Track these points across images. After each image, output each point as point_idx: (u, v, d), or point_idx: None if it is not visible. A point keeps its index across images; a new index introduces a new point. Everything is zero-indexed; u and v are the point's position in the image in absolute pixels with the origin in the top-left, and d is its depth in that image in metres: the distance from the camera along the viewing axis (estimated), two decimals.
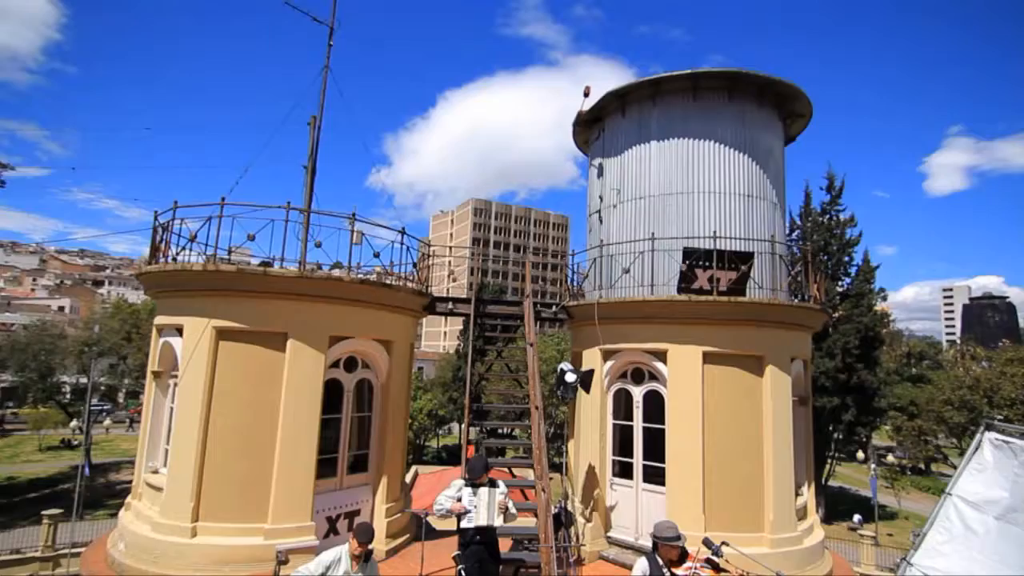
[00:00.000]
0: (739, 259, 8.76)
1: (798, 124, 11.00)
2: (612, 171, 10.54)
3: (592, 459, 9.51)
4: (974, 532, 4.34)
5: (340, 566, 5.06)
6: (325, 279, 8.20)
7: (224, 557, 7.53)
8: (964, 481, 4.54)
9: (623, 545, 9.05)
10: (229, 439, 7.91)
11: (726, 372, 8.70)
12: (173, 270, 8.14)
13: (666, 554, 4.67)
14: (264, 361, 8.10)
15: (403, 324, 9.66)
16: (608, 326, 9.25)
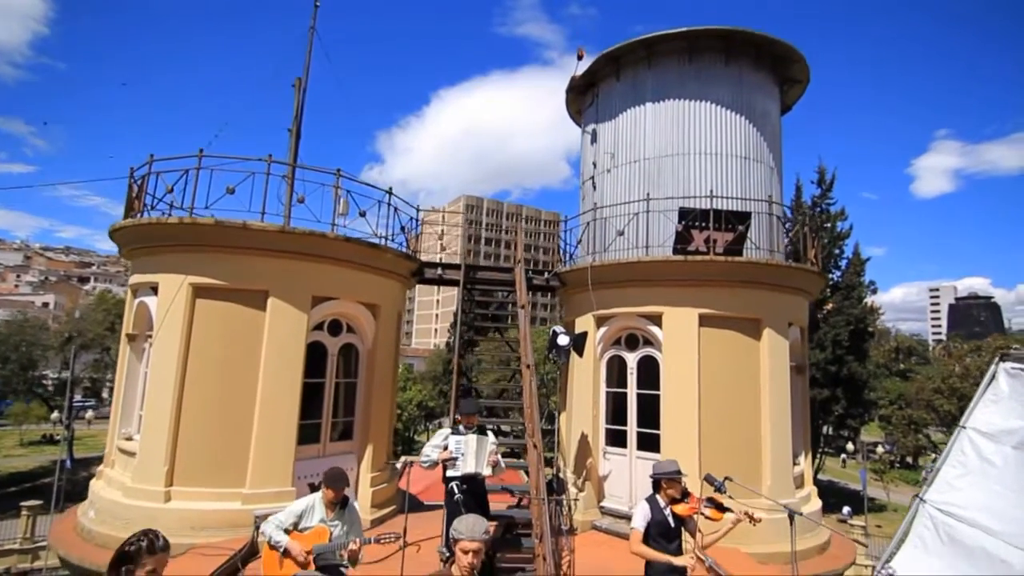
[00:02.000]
0: (736, 219, 8.53)
1: (795, 91, 10.80)
2: (606, 136, 10.28)
3: (585, 428, 9.23)
4: (991, 464, 4.10)
5: (314, 514, 4.73)
6: (308, 234, 7.85)
7: (199, 522, 7.18)
8: (979, 413, 4.30)
9: (616, 515, 8.78)
10: (205, 401, 7.56)
11: (723, 335, 8.46)
12: (148, 224, 7.78)
13: (668, 492, 4.41)
14: (243, 320, 7.75)
15: (390, 289, 9.34)
16: (601, 291, 8.97)
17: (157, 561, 2.57)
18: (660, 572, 4.23)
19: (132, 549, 2.54)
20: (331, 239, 8.01)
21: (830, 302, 33.17)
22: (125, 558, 2.52)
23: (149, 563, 2.54)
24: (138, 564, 2.51)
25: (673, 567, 4.19)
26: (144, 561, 2.52)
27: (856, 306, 33.98)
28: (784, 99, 10.79)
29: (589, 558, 7.43)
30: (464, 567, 2.95)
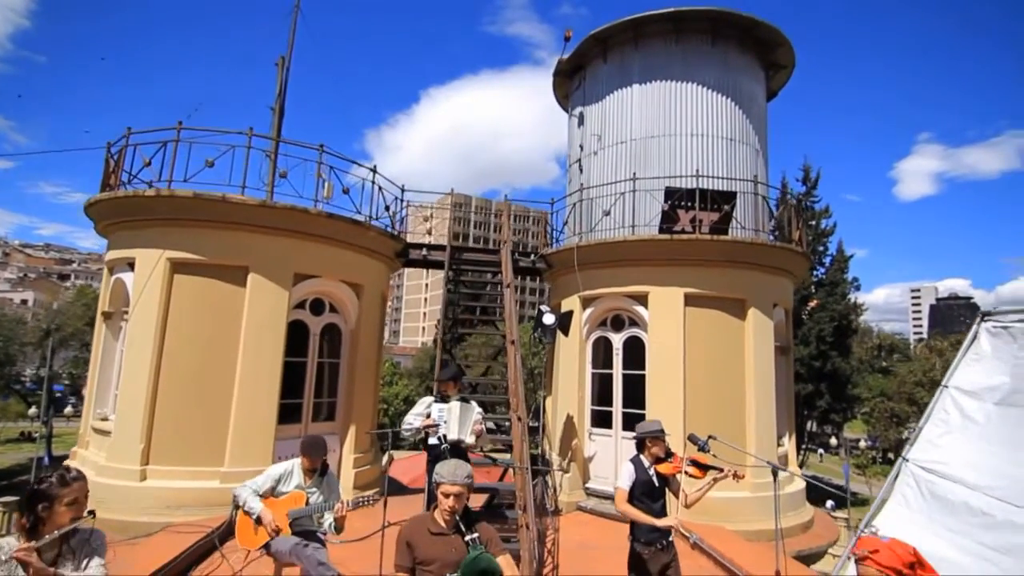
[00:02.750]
0: (722, 198, 8.53)
1: (780, 76, 10.85)
2: (593, 118, 10.25)
3: (570, 409, 9.18)
4: (973, 421, 4.10)
5: (291, 480, 4.62)
6: (289, 209, 7.72)
7: (176, 500, 7.02)
8: (961, 372, 4.30)
9: (601, 496, 8.74)
10: (183, 378, 7.39)
11: (708, 315, 8.46)
12: (124, 197, 7.59)
13: (652, 451, 4.36)
14: (223, 296, 7.60)
15: (375, 269, 9.22)
16: (587, 271, 8.93)
17: (74, 491, 2.43)
18: (644, 531, 4.17)
19: (43, 487, 2.40)
20: (313, 215, 7.88)
21: (815, 299, 33.57)
22: (39, 496, 2.36)
23: (66, 495, 2.40)
24: (54, 499, 2.37)
25: (657, 527, 4.14)
26: (59, 494, 2.38)
27: (840, 302, 34.42)
28: (770, 85, 10.83)
29: (573, 536, 7.38)
30: (446, 510, 2.87)
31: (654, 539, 4.15)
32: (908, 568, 2.21)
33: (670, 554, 4.20)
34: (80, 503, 2.46)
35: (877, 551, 2.23)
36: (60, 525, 2.35)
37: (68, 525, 2.37)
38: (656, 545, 4.15)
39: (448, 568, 2.74)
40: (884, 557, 2.21)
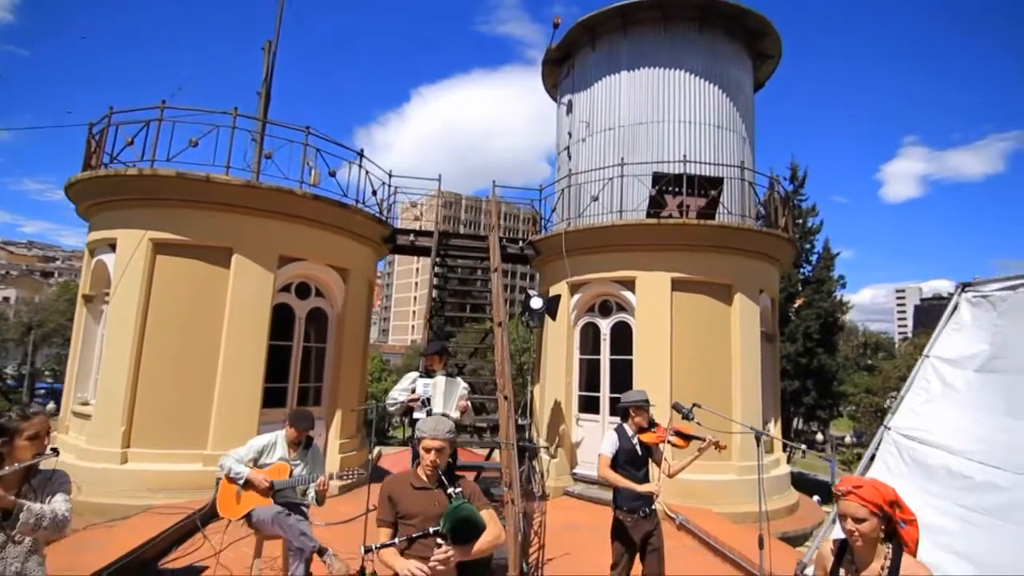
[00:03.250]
0: (709, 184, 8.58)
1: (767, 67, 10.92)
2: (581, 105, 10.26)
3: (558, 395, 9.18)
4: (954, 388, 4.15)
5: (275, 451, 4.57)
6: (275, 190, 7.64)
7: (158, 483, 6.92)
8: (941, 342, 4.35)
9: (588, 481, 8.74)
10: (165, 359, 7.29)
11: (695, 300, 8.50)
12: (106, 176, 7.46)
13: (636, 420, 4.37)
14: (206, 278, 7.50)
15: (362, 254, 9.15)
16: (575, 257, 8.93)
17: (35, 425, 2.41)
18: (627, 499, 4.17)
19: (2, 421, 2.38)
20: (299, 196, 7.81)
21: (801, 296, 33.91)
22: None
23: (27, 428, 2.38)
24: (14, 433, 2.34)
25: (639, 494, 4.15)
26: (20, 427, 2.36)
27: (826, 299, 34.79)
28: (757, 75, 10.90)
29: (560, 518, 7.38)
30: (427, 465, 2.84)
31: (636, 507, 4.16)
32: (889, 506, 2.22)
33: (652, 522, 4.21)
34: (41, 438, 2.42)
35: (860, 487, 2.24)
36: (21, 460, 2.31)
37: (29, 460, 2.32)
38: (638, 513, 4.15)
39: (430, 522, 2.71)
40: (867, 492, 2.21)
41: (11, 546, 2.28)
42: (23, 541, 2.31)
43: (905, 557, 2.21)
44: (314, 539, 4.20)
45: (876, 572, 2.22)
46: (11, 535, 2.27)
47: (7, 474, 2.25)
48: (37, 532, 2.26)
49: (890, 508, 2.22)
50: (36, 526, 2.23)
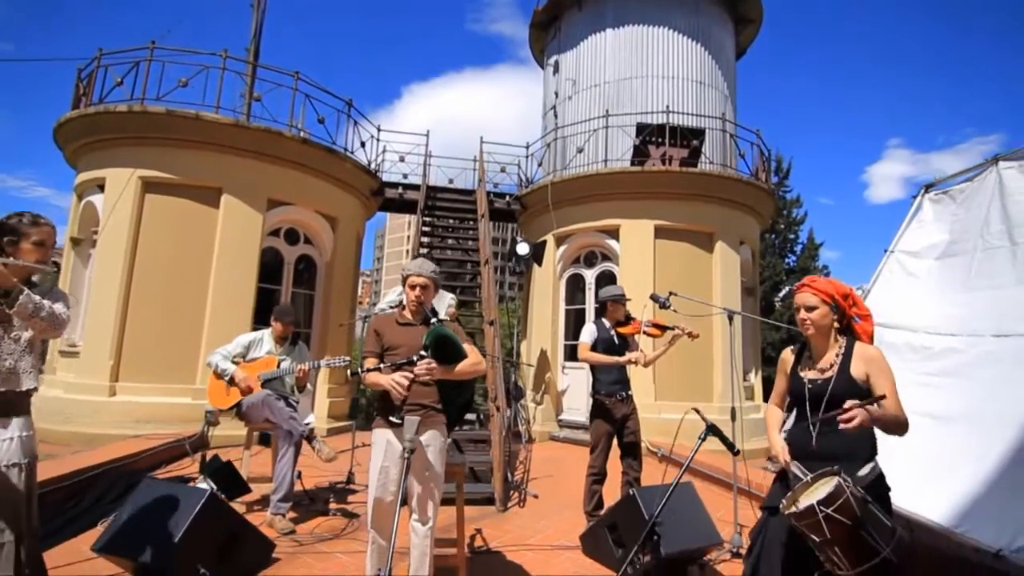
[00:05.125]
0: (691, 134, 8.79)
1: (748, 32, 11.18)
2: (568, 64, 10.44)
3: (544, 345, 9.34)
4: (915, 276, 4.36)
5: (262, 346, 4.67)
6: (263, 131, 7.73)
7: (147, 415, 6.97)
8: (905, 238, 4.57)
9: (574, 426, 8.90)
10: (154, 297, 7.35)
11: (677, 247, 8.70)
12: (95, 114, 7.50)
13: (613, 314, 4.54)
14: (195, 217, 7.57)
15: (350, 205, 9.25)
16: (561, 209, 9.10)
17: (43, 232, 2.37)
18: (605, 383, 4.34)
19: (11, 221, 2.35)
20: (287, 138, 7.90)
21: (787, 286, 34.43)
22: (6, 229, 2.31)
23: (35, 233, 2.34)
24: (22, 235, 2.32)
25: (618, 379, 4.32)
26: (27, 231, 2.33)
27: None
28: (739, 40, 11.15)
29: (545, 454, 7.55)
30: (411, 302, 2.97)
31: (614, 391, 4.32)
32: (842, 298, 2.36)
33: (629, 406, 4.38)
34: (47, 248, 2.40)
35: (815, 281, 2.39)
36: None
37: (32, 263, 2.28)
38: (616, 396, 4.32)
39: (414, 351, 2.84)
40: (820, 284, 2.37)
41: (6, 342, 2.30)
42: (19, 339, 2.34)
43: (858, 344, 2.36)
44: (303, 424, 4.31)
45: (831, 360, 2.38)
46: (7, 329, 2.30)
47: (11, 264, 2.25)
48: (34, 320, 2.26)
49: (843, 300, 2.37)
50: (34, 312, 2.25)
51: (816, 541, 2.07)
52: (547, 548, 3.94)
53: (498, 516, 4.69)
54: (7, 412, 2.26)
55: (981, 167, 4.11)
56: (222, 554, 3.11)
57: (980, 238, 3.90)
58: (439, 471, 2.82)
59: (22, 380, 2.29)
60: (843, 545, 2.00)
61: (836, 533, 2.00)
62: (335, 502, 4.77)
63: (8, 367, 2.26)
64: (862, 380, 2.28)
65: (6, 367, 2.26)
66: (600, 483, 4.35)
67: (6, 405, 2.26)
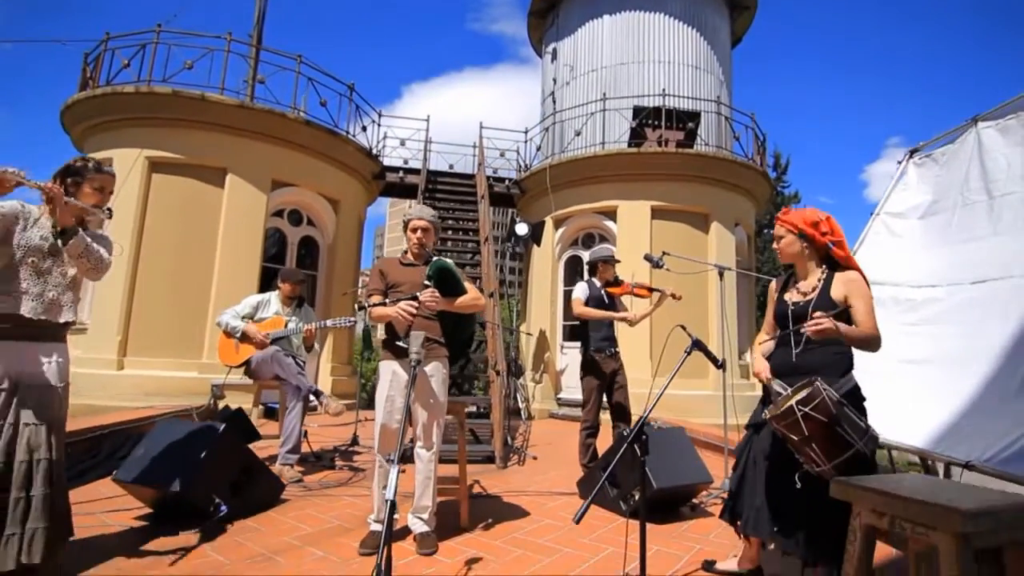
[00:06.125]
0: (687, 117, 8.94)
1: (743, 20, 11.34)
2: (565, 51, 10.60)
3: (543, 325, 9.50)
4: (900, 236, 4.52)
5: (269, 307, 4.83)
6: (267, 112, 7.90)
7: (155, 388, 7.13)
8: (890, 201, 4.72)
9: (572, 404, 9.06)
10: (161, 274, 7.51)
11: (674, 228, 8.86)
12: (103, 95, 7.66)
13: (603, 274, 4.70)
14: (201, 196, 7.74)
15: (352, 188, 9.41)
16: (560, 192, 9.27)
17: (104, 180, 2.50)
18: (595, 340, 4.50)
19: (79, 164, 2.47)
20: (291, 120, 8.06)
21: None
22: (71, 171, 2.44)
23: (96, 179, 2.46)
24: (84, 178, 2.43)
25: (607, 336, 4.49)
26: (90, 176, 2.45)
27: None
28: (734, 27, 11.31)
29: (543, 430, 7.71)
30: (414, 243, 3.13)
31: (603, 347, 4.49)
32: (811, 227, 2.50)
33: (618, 362, 4.55)
34: (105, 194, 2.51)
35: (787, 212, 2.55)
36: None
37: (89, 206, 2.42)
38: (606, 352, 4.49)
39: (416, 289, 2.99)
40: (789, 216, 2.53)
41: (54, 275, 2.43)
42: (65, 274, 2.48)
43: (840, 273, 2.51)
44: (310, 380, 4.47)
45: (813, 284, 2.53)
46: (56, 263, 2.43)
47: (73, 203, 2.38)
48: (82, 260, 2.42)
49: (811, 228, 2.52)
50: (84, 253, 2.39)
51: (795, 441, 2.23)
52: (544, 494, 4.09)
53: (498, 472, 4.85)
54: (47, 338, 2.43)
55: (961, 128, 4.27)
56: (235, 488, 3.27)
57: (960, 195, 4.06)
58: (442, 400, 2.98)
59: (62, 312, 2.45)
60: (819, 441, 2.16)
61: (813, 430, 2.16)
62: (340, 460, 4.93)
63: (51, 298, 2.41)
64: (841, 301, 2.43)
65: (49, 297, 2.40)
66: (594, 436, 4.51)
67: (47, 332, 2.42)
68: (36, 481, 2.29)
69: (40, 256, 2.36)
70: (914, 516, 1.11)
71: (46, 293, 2.40)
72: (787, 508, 2.43)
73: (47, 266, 2.40)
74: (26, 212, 2.38)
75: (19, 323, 2.29)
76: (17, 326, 2.29)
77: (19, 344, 2.31)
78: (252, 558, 2.65)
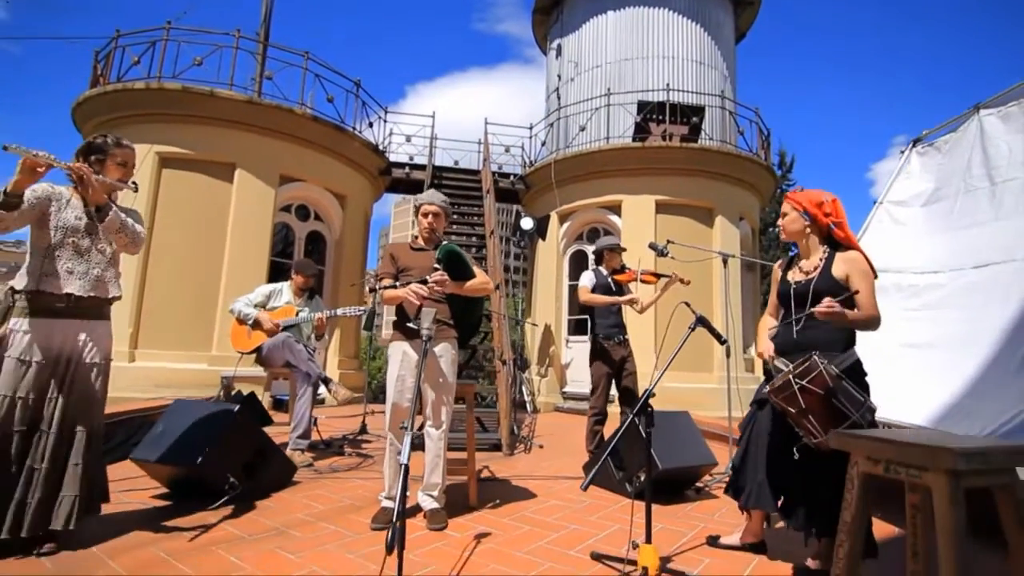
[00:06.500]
0: (691, 111, 8.99)
1: (747, 15, 11.36)
2: (570, 47, 10.66)
3: (548, 319, 9.56)
4: (903, 224, 4.56)
5: (281, 296, 4.91)
6: (275, 108, 7.99)
7: (166, 380, 7.22)
8: (893, 189, 4.76)
9: (578, 398, 9.11)
10: (171, 269, 7.61)
11: (678, 222, 8.90)
12: (113, 91, 7.77)
13: (610, 262, 4.76)
14: (210, 191, 7.83)
15: (359, 183, 9.50)
16: (564, 187, 9.32)
17: (126, 154, 2.57)
18: (603, 327, 4.56)
19: (98, 141, 2.52)
20: (298, 115, 8.15)
21: None
22: (94, 148, 2.49)
23: (118, 154, 2.52)
24: (108, 154, 2.49)
25: (616, 323, 4.55)
26: (113, 152, 2.51)
27: None
28: (738, 23, 11.34)
29: (549, 422, 7.77)
30: (424, 228, 3.20)
31: (612, 333, 4.55)
32: (815, 206, 2.56)
33: (627, 349, 4.61)
34: (128, 168, 2.58)
35: (794, 191, 2.60)
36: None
37: (116, 181, 2.49)
38: (614, 339, 4.54)
39: (426, 273, 3.06)
40: (796, 195, 2.58)
41: (94, 253, 2.49)
42: (104, 251, 2.55)
43: (840, 252, 2.56)
44: (320, 368, 4.54)
45: (815, 263, 2.58)
46: (95, 241, 2.51)
47: (103, 180, 2.44)
48: (119, 234, 2.49)
49: (815, 208, 2.57)
50: (120, 227, 2.48)
51: (793, 414, 2.28)
52: (550, 478, 4.15)
53: (504, 459, 4.91)
54: (95, 315, 2.51)
55: (963, 116, 4.31)
56: (249, 469, 3.34)
57: (962, 182, 4.11)
58: (451, 380, 3.05)
59: (109, 288, 2.54)
60: (816, 413, 2.21)
61: (810, 403, 2.21)
62: (350, 447, 5.01)
63: (96, 275, 2.49)
64: (842, 279, 2.47)
65: (94, 275, 2.48)
66: (601, 423, 4.57)
67: (96, 308, 2.50)
68: (78, 450, 2.39)
69: (79, 236, 2.43)
70: (908, 459, 1.17)
71: (91, 271, 2.47)
72: (788, 482, 2.49)
73: (87, 245, 2.47)
74: (58, 194, 2.44)
75: (70, 301, 2.38)
76: (68, 305, 2.37)
77: (71, 321, 2.40)
78: (267, 532, 2.72)
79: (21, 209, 2.24)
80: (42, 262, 2.37)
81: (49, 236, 2.38)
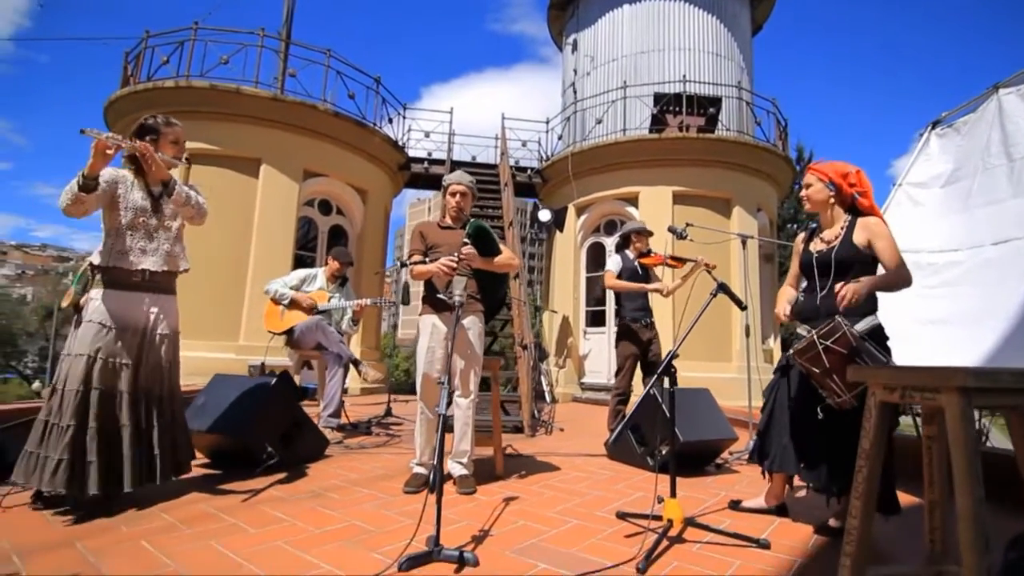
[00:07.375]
0: (708, 103, 9.02)
1: (763, 7, 11.35)
2: (586, 41, 10.74)
3: (566, 311, 9.65)
4: (922, 205, 4.58)
5: (315, 282, 5.08)
6: (299, 104, 8.20)
7: (193, 368, 7.28)
8: (912, 172, 4.78)
9: (596, 388, 9.20)
10: (199, 260, 7.66)
11: (695, 213, 8.90)
12: (144, 90, 8.04)
13: (637, 246, 4.83)
14: (237, 186, 8.06)
15: (379, 179, 9.68)
16: (581, 180, 9.41)
17: (177, 132, 2.71)
18: (630, 310, 4.64)
19: (150, 121, 2.65)
20: (321, 111, 8.34)
21: None
22: (147, 129, 2.62)
23: (170, 133, 2.68)
24: (160, 133, 2.64)
25: (642, 306, 4.62)
26: (165, 131, 2.66)
27: None
28: (755, 15, 11.33)
29: (567, 412, 7.86)
30: (452, 207, 3.32)
31: (639, 316, 4.63)
32: (841, 177, 2.62)
33: (653, 331, 4.68)
34: (180, 146, 2.74)
35: (819, 162, 2.67)
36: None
37: (170, 158, 2.66)
38: (641, 322, 4.62)
39: (455, 249, 3.18)
40: (821, 165, 2.65)
41: (162, 230, 2.67)
42: (171, 227, 2.72)
43: (861, 219, 2.61)
44: (350, 350, 4.70)
45: (836, 232, 2.65)
46: (161, 219, 2.66)
47: (163, 158, 2.58)
48: (186, 207, 2.66)
49: (840, 179, 2.64)
50: (186, 200, 2.65)
51: (817, 374, 2.36)
52: (573, 454, 4.26)
53: (527, 439, 5.02)
54: (165, 289, 2.68)
55: (982, 97, 4.33)
56: (286, 439, 3.50)
57: (981, 161, 4.13)
58: (479, 352, 3.17)
59: (179, 262, 2.71)
60: (840, 372, 2.29)
61: (833, 363, 2.29)
62: (377, 428, 5.16)
63: (167, 250, 2.67)
64: (864, 246, 2.53)
65: (165, 250, 2.66)
66: (624, 403, 4.65)
67: (167, 282, 2.68)
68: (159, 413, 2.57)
69: (147, 215, 2.59)
70: (921, 383, 1.26)
71: (161, 247, 2.65)
72: (811, 445, 2.57)
73: (154, 224, 2.63)
74: (123, 176, 2.59)
75: (144, 276, 2.56)
76: (144, 279, 2.54)
77: (144, 295, 2.58)
78: (306, 494, 2.87)
79: (96, 192, 2.38)
80: (115, 241, 2.52)
81: (119, 217, 2.53)
